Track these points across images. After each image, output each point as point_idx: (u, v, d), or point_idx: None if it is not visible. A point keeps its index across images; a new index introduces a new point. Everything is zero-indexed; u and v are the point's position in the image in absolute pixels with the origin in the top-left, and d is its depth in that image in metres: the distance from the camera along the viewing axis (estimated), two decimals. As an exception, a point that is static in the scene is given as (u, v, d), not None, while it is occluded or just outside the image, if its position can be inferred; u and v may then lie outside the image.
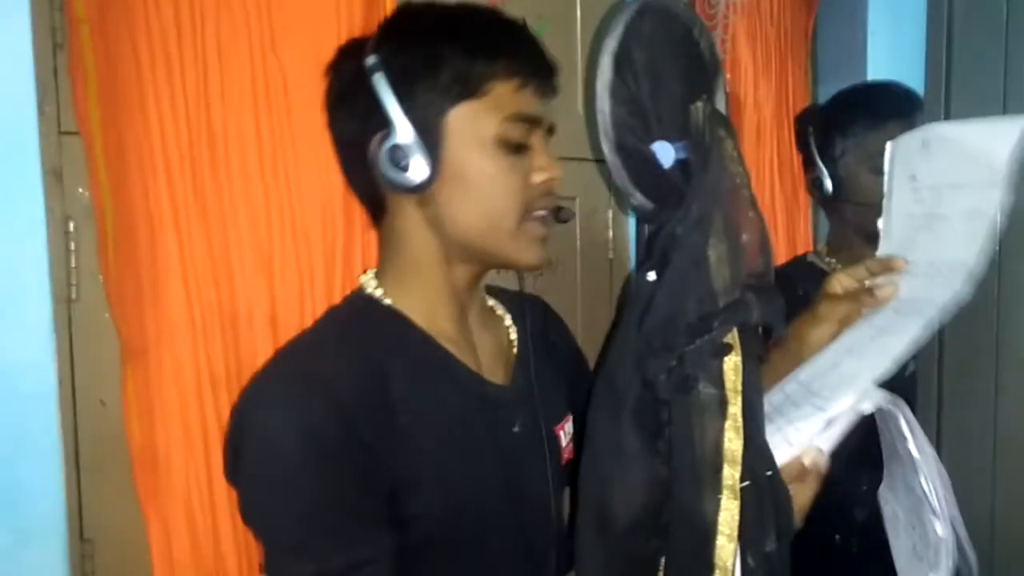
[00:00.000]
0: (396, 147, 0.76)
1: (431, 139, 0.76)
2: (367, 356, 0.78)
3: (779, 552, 0.62)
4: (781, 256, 1.72)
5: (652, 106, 0.58)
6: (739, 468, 0.61)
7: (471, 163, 0.78)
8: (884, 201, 0.86)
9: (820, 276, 1.30)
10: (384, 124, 0.76)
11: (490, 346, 0.90)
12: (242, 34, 0.97)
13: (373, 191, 0.83)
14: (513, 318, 0.95)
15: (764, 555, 0.61)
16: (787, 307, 0.65)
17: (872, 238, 1.27)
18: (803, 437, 0.67)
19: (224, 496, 0.95)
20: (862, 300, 0.82)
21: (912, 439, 0.67)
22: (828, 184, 1.29)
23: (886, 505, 0.79)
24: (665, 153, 0.59)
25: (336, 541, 0.71)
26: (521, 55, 0.79)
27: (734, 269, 0.60)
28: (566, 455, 0.94)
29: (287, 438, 0.71)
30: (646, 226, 1.39)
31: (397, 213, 0.82)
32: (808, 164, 1.35)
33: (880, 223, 0.86)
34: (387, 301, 0.83)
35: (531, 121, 0.79)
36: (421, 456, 0.77)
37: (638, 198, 0.59)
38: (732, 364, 0.61)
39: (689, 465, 0.62)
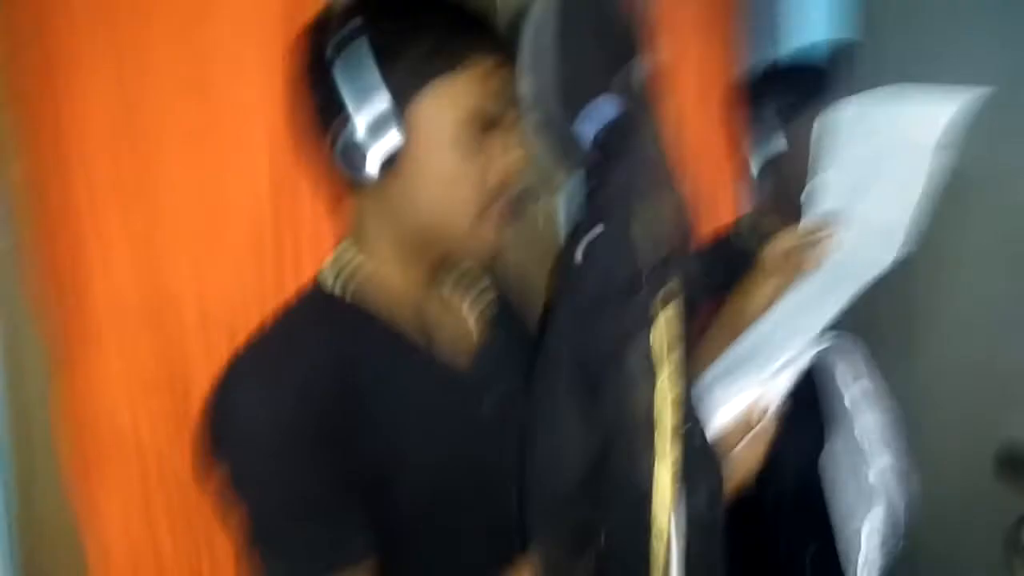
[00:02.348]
0: (350, 143, 0.74)
1: (388, 128, 0.74)
2: (333, 348, 0.78)
3: (712, 512, 0.64)
4: (705, 226, 1.75)
5: (574, 83, 0.59)
6: (670, 432, 0.62)
7: (432, 154, 0.76)
8: (812, 167, 0.88)
9: (741, 255, 1.33)
10: (340, 112, 0.74)
11: (452, 330, 0.90)
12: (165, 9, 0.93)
13: (330, 179, 0.83)
14: (472, 302, 0.95)
15: (698, 516, 0.63)
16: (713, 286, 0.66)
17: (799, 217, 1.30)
18: (751, 394, 0.69)
19: (162, 504, 0.93)
20: (801, 261, 0.85)
21: (850, 381, 0.70)
22: (754, 169, 1.31)
23: (826, 474, 0.82)
24: (587, 127, 0.60)
25: (316, 514, 0.72)
26: (498, 37, 0.79)
27: (657, 240, 0.62)
28: None
29: (255, 425, 0.71)
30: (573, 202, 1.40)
31: (355, 202, 0.83)
32: (746, 139, 1.35)
33: (806, 189, 0.89)
34: (346, 295, 0.83)
35: (502, 106, 0.78)
36: (394, 444, 0.77)
37: (563, 174, 0.60)
38: (660, 332, 0.63)
39: (623, 432, 0.63)
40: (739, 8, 1.79)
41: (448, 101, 0.76)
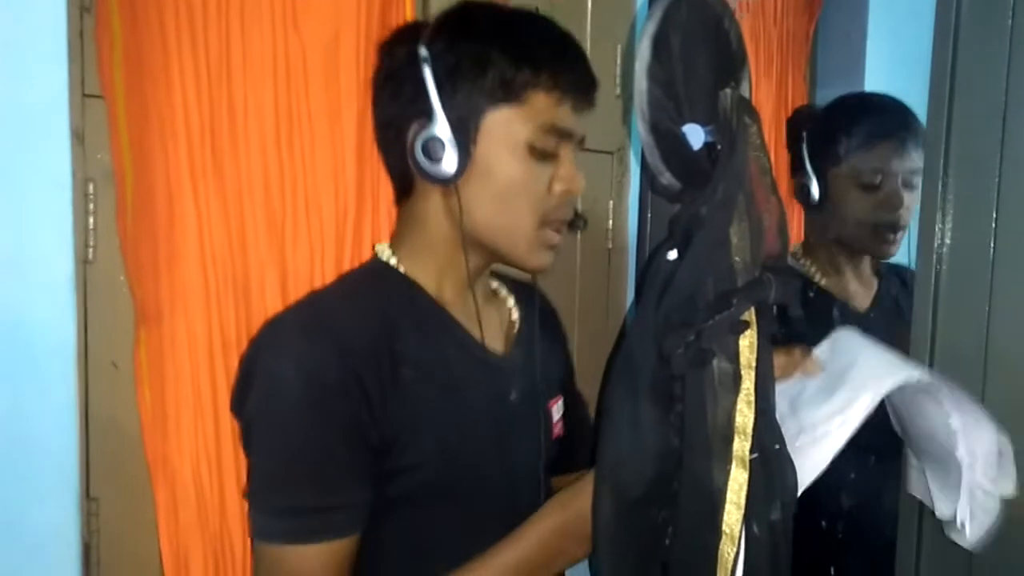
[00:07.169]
0: (432, 138, 0.80)
1: (466, 135, 0.80)
2: (377, 311, 0.83)
3: (782, 521, 0.65)
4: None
5: (684, 89, 0.61)
6: (749, 440, 0.64)
7: (500, 164, 0.82)
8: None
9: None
10: (425, 113, 0.80)
11: (493, 320, 0.95)
12: (266, 10, 0.99)
13: (403, 171, 0.87)
14: (516, 300, 1.01)
15: (769, 523, 0.64)
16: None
17: (848, 249, 1.31)
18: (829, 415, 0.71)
19: (231, 461, 0.97)
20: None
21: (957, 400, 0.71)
22: (815, 192, 1.31)
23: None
24: (695, 135, 0.62)
25: (312, 482, 0.77)
26: (565, 70, 0.82)
27: (754, 250, 0.63)
28: (556, 431, 1.00)
29: (289, 380, 0.76)
30: (648, 215, 1.42)
31: (421, 197, 0.87)
32: (796, 168, 1.36)
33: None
34: (401, 268, 0.89)
35: (563, 134, 0.83)
36: (420, 408, 0.81)
37: (667, 177, 0.62)
38: (748, 341, 0.64)
39: (702, 436, 0.65)
40: (811, 45, 1.81)
41: (505, 129, 0.81)
